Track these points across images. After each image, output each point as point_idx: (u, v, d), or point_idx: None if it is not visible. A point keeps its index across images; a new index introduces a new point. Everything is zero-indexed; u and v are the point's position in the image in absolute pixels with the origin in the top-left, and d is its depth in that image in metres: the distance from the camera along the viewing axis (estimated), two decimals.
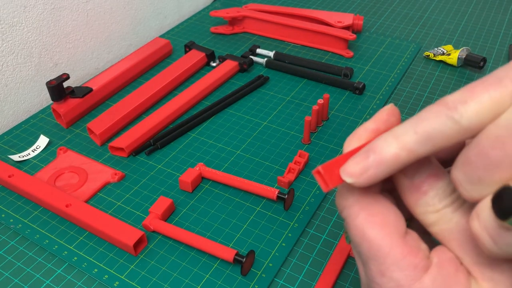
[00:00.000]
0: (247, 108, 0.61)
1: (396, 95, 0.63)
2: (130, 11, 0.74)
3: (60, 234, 0.45)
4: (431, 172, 0.21)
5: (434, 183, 0.21)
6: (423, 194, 0.21)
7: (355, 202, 0.22)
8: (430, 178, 0.21)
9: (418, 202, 0.21)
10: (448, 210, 0.21)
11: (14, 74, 0.60)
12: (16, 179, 0.49)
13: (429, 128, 0.19)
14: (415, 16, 0.83)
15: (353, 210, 0.22)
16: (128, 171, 0.52)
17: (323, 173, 0.21)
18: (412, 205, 0.22)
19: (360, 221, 0.22)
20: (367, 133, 0.23)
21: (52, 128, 0.58)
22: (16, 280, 0.41)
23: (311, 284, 0.40)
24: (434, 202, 0.21)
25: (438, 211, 0.21)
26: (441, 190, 0.21)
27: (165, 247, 0.44)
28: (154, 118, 0.57)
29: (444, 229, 0.21)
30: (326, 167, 0.22)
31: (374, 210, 0.22)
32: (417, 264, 0.21)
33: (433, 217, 0.21)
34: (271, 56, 0.70)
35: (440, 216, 0.21)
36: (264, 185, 0.47)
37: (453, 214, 0.21)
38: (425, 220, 0.21)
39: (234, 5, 0.87)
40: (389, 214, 0.22)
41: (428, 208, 0.21)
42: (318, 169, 0.21)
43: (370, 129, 0.23)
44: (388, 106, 0.24)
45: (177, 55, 0.72)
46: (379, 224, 0.21)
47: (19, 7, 0.57)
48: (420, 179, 0.21)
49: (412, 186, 0.21)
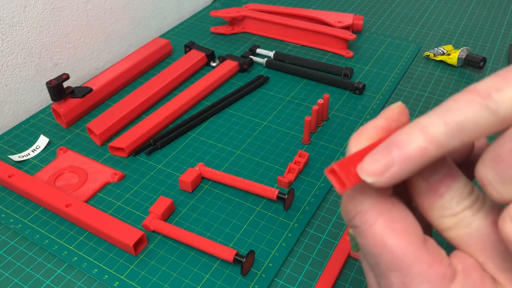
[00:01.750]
0: (247, 108, 0.61)
1: (396, 95, 0.63)
2: (130, 11, 0.74)
3: (60, 234, 0.45)
4: (447, 171, 0.20)
5: (451, 184, 0.19)
6: (440, 197, 0.19)
7: (371, 207, 0.20)
8: (447, 179, 0.20)
9: (434, 205, 0.20)
10: (468, 213, 0.19)
11: (14, 74, 0.60)
12: (16, 179, 0.49)
13: (461, 118, 0.17)
14: (415, 16, 0.83)
15: (369, 216, 0.20)
16: (128, 171, 0.52)
17: (339, 171, 0.18)
18: (427, 209, 0.20)
19: (379, 228, 0.19)
20: (377, 130, 0.20)
21: (52, 128, 0.58)
22: (16, 280, 0.41)
23: (311, 284, 0.40)
24: (451, 205, 0.19)
25: (456, 215, 0.19)
26: (459, 191, 0.19)
27: (165, 247, 0.44)
28: (154, 118, 0.57)
29: (463, 234, 0.19)
30: (341, 164, 0.19)
31: (394, 215, 0.20)
32: (444, 274, 0.19)
33: (451, 221, 0.19)
34: (271, 56, 0.70)
35: (459, 220, 0.19)
36: (264, 185, 0.47)
37: (473, 217, 0.19)
38: (442, 224, 0.20)
39: (234, 5, 0.87)
40: (408, 220, 0.20)
41: (446, 211, 0.19)
42: (332, 167, 0.19)
43: (380, 127, 0.20)
44: (397, 104, 0.21)
45: (177, 55, 0.72)
46: (401, 232, 0.19)
47: (19, 7, 0.57)
48: (436, 180, 0.20)
49: (428, 188, 0.20)
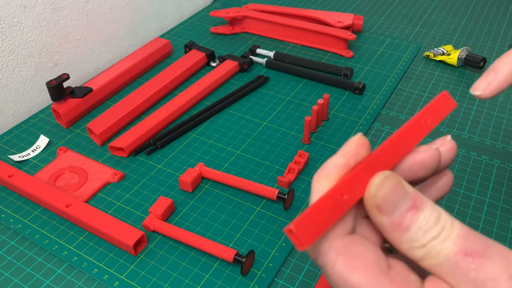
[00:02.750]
0: (247, 108, 0.61)
1: (396, 95, 0.63)
2: (130, 11, 0.74)
3: (60, 234, 0.45)
4: (410, 204, 0.20)
5: (414, 216, 0.20)
6: (405, 231, 0.20)
7: (330, 247, 0.20)
8: (410, 212, 0.20)
9: (401, 239, 0.20)
10: (435, 243, 0.19)
11: (14, 74, 0.60)
12: (16, 179, 0.49)
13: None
14: (415, 16, 0.83)
15: (329, 257, 0.20)
16: (128, 171, 0.52)
17: (296, 232, 0.19)
18: (396, 243, 0.20)
19: (340, 268, 0.20)
20: (337, 169, 0.22)
21: (52, 128, 0.58)
22: (16, 280, 0.41)
23: (311, 284, 0.40)
24: (418, 236, 0.20)
25: (425, 246, 0.19)
26: (424, 222, 0.20)
27: (165, 247, 0.44)
28: (154, 118, 0.57)
29: (435, 263, 0.19)
30: (299, 224, 0.19)
31: (353, 253, 0.20)
32: None
33: (420, 252, 0.20)
34: (271, 56, 0.70)
35: (428, 251, 0.19)
36: (264, 185, 0.47)
37: (441, 246, 0.19)
38: (413, 256, 0.20)
39: (234, 5, 0.87)
40: (368, 254, 0.20)
41: (414, 243, 0.20)
42: (289, 227, 0.19)
43: (340, 165, 0.22)
44: (356, 136, 0.23)
45: (177, 55, 0.72)
46: (361, 267, 0.20)
47: (19, 7, 0.57)
48: (399, 215, 0.20)
49: (392, 224, 0.20)
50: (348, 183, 0.21)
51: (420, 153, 0.23)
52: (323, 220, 0.20)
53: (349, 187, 0.21)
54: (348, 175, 0.21)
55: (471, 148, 0.54)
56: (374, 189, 0.21)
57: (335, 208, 0.20)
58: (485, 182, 0.49)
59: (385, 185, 0.20)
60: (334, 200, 0.21)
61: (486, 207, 0.47)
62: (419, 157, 0.23)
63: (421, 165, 0.23)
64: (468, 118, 0.58)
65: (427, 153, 0.23)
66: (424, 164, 0.23)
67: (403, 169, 0.23)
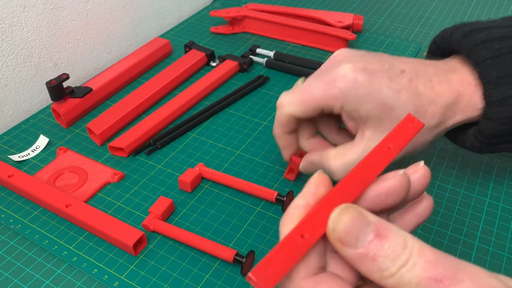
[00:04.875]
0: (247, 108, 0.61)
1: None
2: (130, 11, 0.74)
3: (60, 234, 0.45)
4: (373, 234, 0.20)
5: (380, 245, 0.20)
6: (373, 261, 0.20)
7: None
8: (375, 241, 0.20)
9: (371, 269, 0.20)
10: (404, 271, 0.19)
11: (14, 74, 0.60)
12: (16, 179, 0.49)
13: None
14: (415, 16, 0.83)
15: None
16: (128, 171, 0.52)
17: (256, 279, 0.19)
18: (366, 273, 0.20)
19: None
20: (298, 210, 0.22)
21: (52, 128, 0.58)
22: (16, 280, 0.41)
23: None
24: (387, 265, 0.19)
25: (394, 275, 0.19)
26: (390, 249, 0.20)
27: (165, 247, 0.44)
28: (154, 118, 0.56)
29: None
30: (258, 270, 0.20)
31: None
32: None
33: (393, 281, 0.19)
34: (271, 56, 0.70)
35: (399, 279, 0.19)
36: (263, 187, 0.47)
37: (410, 273, 0.19)
38: (387, 285, 0.20)
39: (234, 5, 0.87)
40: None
41: (383, 273, 0.20)
42: (249, 275, 0.20)
43: (301, 206, 0.22)
44: (315, 175, 0.23)
45: (177, 55, 0.72)
46: None
47: (18, 7, 0.57)
48: (363, 246, 0.20)
49: (358, 256, 0.20)
50: (307, 222, 0.21)
51: (385, 180, 0.23)
52: (283, 263, 0.20)
53: (308, 226, 0.21)
54: (307, 214, 0.22)
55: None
56: (332, 224, 0.21)
57: (296, 249, 0.20)
58: (485, 182, 0.49)
59: (343, 218, 0.20)
60: (294, 241, 0.21)
61: (486, 207, 0.47)
62: (384, 185, 0.23)
63: (387, 192, 0.23)
64: None
65: (392, 180, 0.23)
66: (390, 191, 0.23)
67: (370, 199, 0.23)
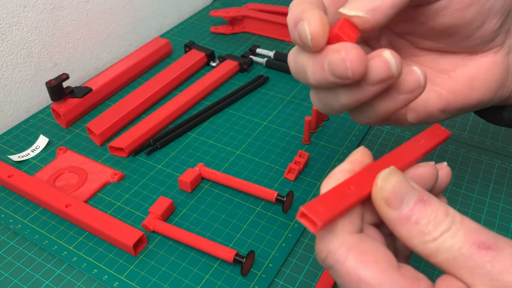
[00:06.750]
0: (247, 108, 0.61)
1: None
2: (130, 11, 0.74)
3: (60, 234, 0.45)
4: (418, 198, 0.20)
5: (423, 210, 0.20)
6: (415, 224, 0.20)
7: (341, 244, 0.20)
8: (418, 205, 0.20)
9: (412, 233, 0.20)
10: (447, 236, 0.19)
11: (14, 74, 0.60)
12: (16, 179, 0.49)
13: None
14: None
15: (340, 254, 0.20)
16: (127, 171, 0.52)
17: (308, 213, 0.20)
18: (406, 238, 0.20)
19: (351, 263, 0.20)
20: (344, 174, 0.23)
21: (52, 128, 0.58)
22: (15, 280, 0.41)
23: (311, 285, 0.40)
24: (429, 230, 0.20)
25: (436, 240, 0.19)
26: (433, 215, 0.20)
27: (165, 247, 0.43)
28: (154, 118, 0.56)
29: (448, 258, 0.19)
30: (310, 206, 0.20)
31: (363, 248, 0.20)
32: None
33: (432, 246, 0.20)
34: (271, 56, 0.69)
35: (440, 245, 0.19)
36: (263, 187, 0.47)
37: (453, 240, 0.19)
38: (424, 251, 0.20)
39: (234, 5, 0.87)
40: (378, 250, 0.21)
41: (425, 237, 0.20)
42: (302, 211, 0.20)
43: (347, 170, 0.23)
44: (360, 148, 0.24)
45: (177, 55, 0.72)
46: (373, 262, 0.20)
47: (18, 7, 0.57)
48: (407, 209, 0.20)
49: (401, 218, 0.20)
50: (355, 179, 0.22)
51: (420, 167, 0.24)
52: (333, 205, 0.21)
53: (356, 182, 0.22)
54: (353, 175, 0.22)
55: (472, 148, 0.54)
56: (381, 182, 0.21)
57: (344, 198, 0.21)
58: (485, 182, 0.49)
59: (391, 178, 0.21)
60: (342, 191, 0.21)
61: (486, 207, 0.47)
62: (419, 171, 0.24)
63: (421, 178, 0.24)
64: (469, 118, 0.58)
65: (426, 167, 0.24)
66: (422, 178, 0.24)
67: None
